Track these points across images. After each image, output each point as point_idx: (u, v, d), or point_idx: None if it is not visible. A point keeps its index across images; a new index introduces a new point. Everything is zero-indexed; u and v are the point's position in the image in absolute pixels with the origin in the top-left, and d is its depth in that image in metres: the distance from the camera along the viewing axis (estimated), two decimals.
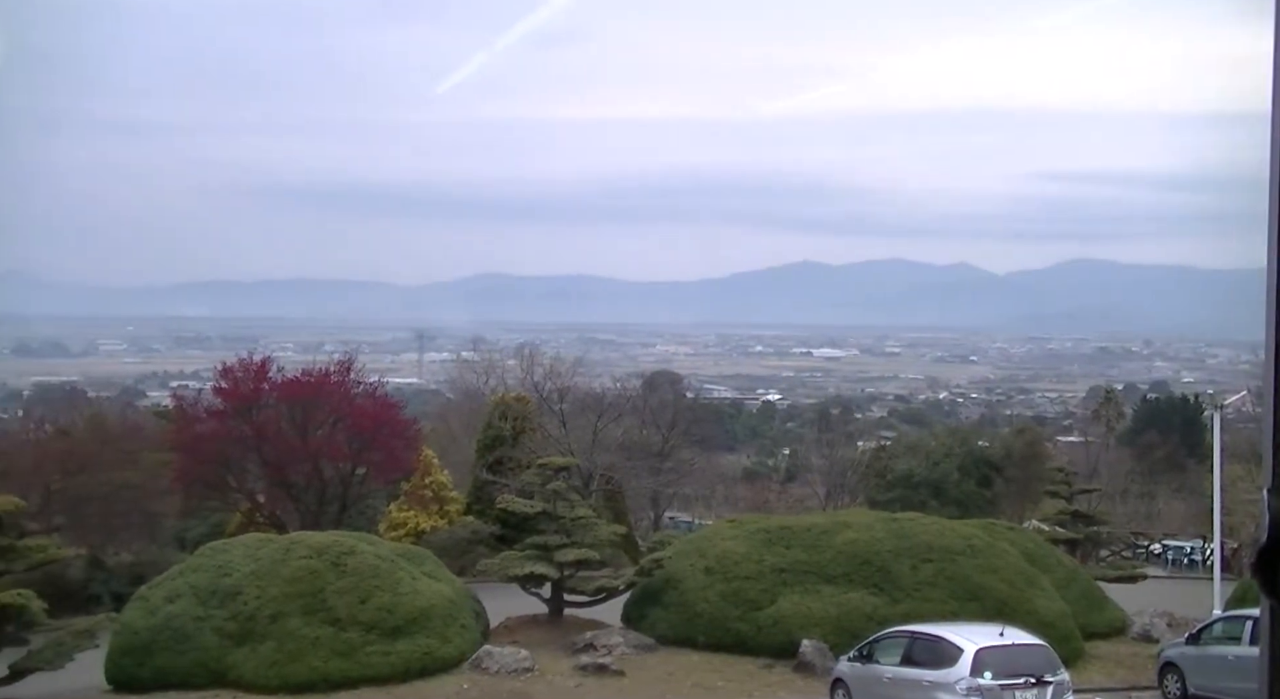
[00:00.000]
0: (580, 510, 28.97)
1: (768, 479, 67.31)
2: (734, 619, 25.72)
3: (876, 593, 25.44)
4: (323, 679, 22.62)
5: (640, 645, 25.67)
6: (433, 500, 41.62)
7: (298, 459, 37.96)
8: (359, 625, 23.36)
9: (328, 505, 38.70)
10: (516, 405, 44.04)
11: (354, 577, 24.03)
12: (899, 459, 55.51)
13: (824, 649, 23.89)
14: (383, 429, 38.71)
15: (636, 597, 27.72)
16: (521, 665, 23.73)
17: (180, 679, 23.09)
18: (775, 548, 26.99)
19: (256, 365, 39.24)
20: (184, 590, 24.23)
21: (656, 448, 48.94)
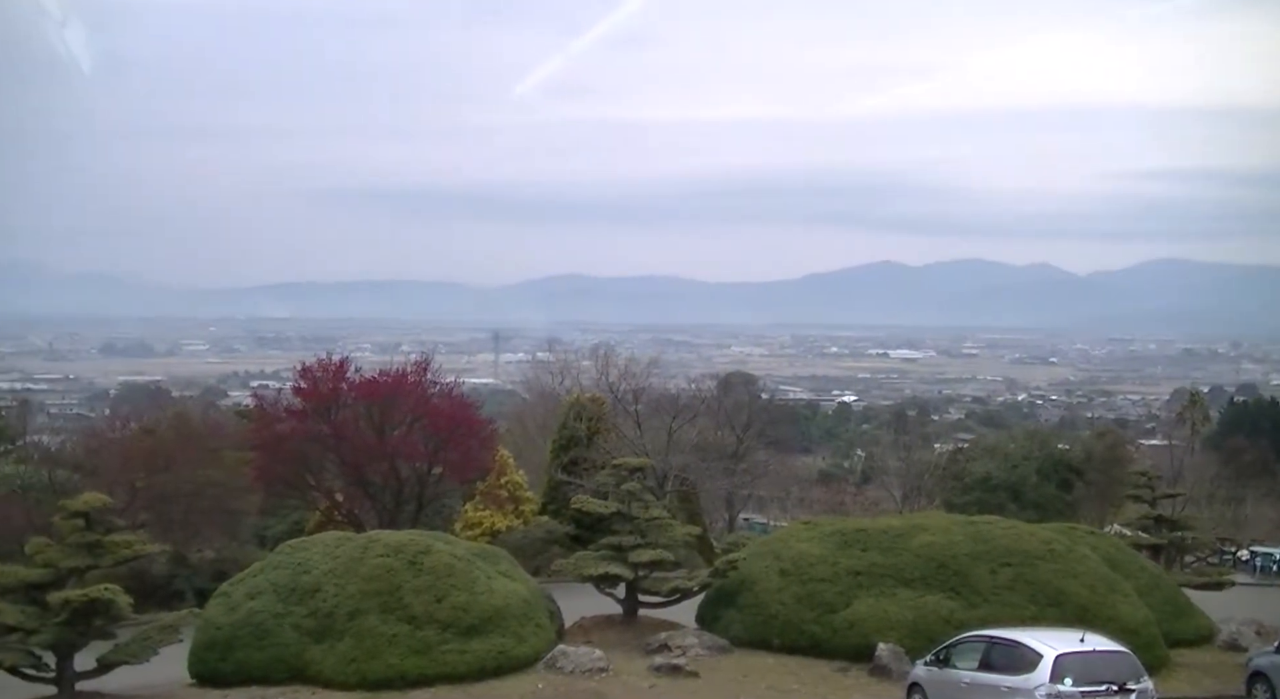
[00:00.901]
0: (655, 511, 28.94)
1: (843, 481, 66.92)
2: (809, 622, 25.54)
3: (953, 597, 25.10)
4: (399, 676, 22.81)
5: (714, 647, 25.58)
6: (508, 500, 41.86)
7: (375, 458, 38.35)
8: (435, 624, 23.52)
9: (404, 504, 39.09)
10: (591, 406, 44.15)
11: (430, 575, 24.20)
12: (976, 461, 54.85)
13: (900, 653, 23.63)
14: (459, 429, 38.99)
15: (711, 598, 27.64)
16: (596, 665, 23.76)
17: (260, 674, 23.41)
18: (851, 550, 26.74)
19: (335, 365, 39.71)
20: (264, 587, 24.56)
21: (731, 449, 48.83)
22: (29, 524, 32.40)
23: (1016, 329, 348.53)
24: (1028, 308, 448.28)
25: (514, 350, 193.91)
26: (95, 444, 41.71)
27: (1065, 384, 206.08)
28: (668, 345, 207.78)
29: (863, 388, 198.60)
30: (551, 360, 69.35)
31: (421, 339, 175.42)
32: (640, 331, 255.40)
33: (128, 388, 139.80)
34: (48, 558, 23.08)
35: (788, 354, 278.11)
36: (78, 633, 22.50)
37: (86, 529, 23.35)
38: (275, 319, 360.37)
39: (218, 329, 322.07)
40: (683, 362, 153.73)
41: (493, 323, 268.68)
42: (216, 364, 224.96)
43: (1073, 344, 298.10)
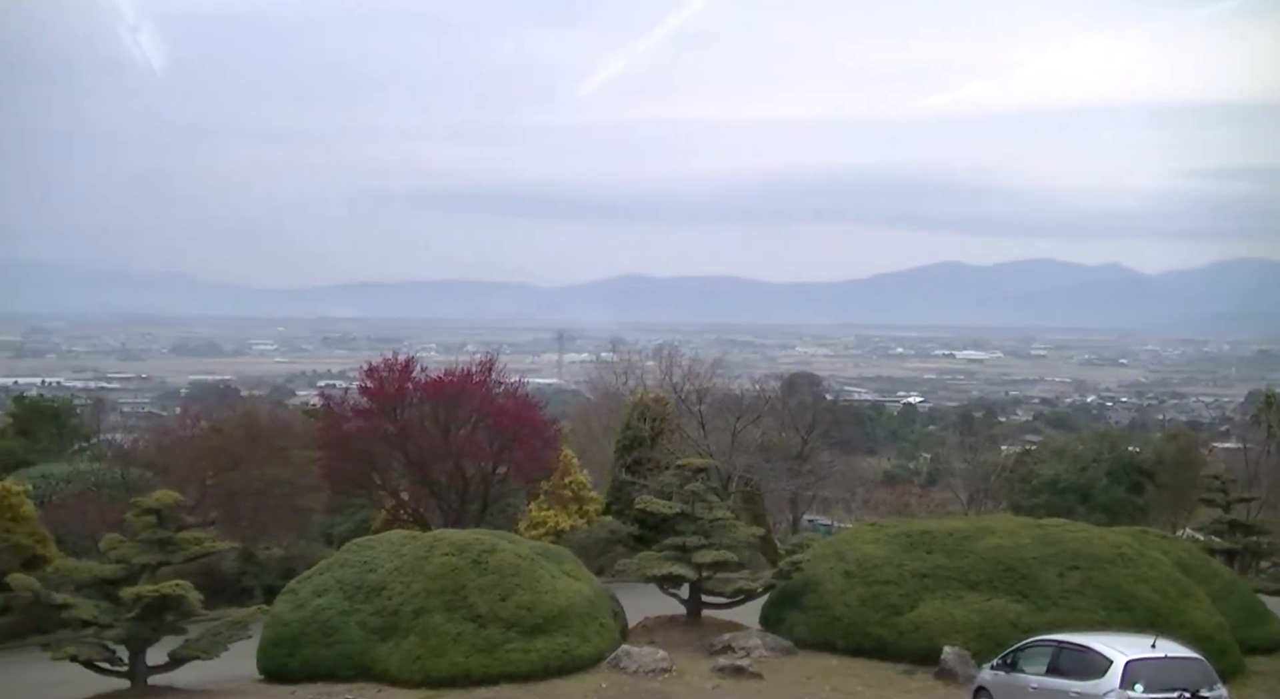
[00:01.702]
0: (718, 512, 28.87)
1: (908, 482, 66.47)
2: (873, 624, 25.37)
3: (1021, 600, 24.81)
4: (464, 675, 22.94)
5: (778, 648, 25.49)
6: (572, 500, 41.94)
7: (440, 457, 38.57)
8: (499, 622, 23.63)
9: (469, 503, 39.28)
10: (655, 406, 44.12)
11: (495, 574, 24.32)
12: (1045, 464, 54.13)
13: (966, 657, 23.39)
14: (523, 429, 39.10)
15: (775, 599, 27.54)
16: (659, 666, 23.75)
17: (327, 671, 23.66)
18: (916, 552, 26.53)
19: (401, 365, 39.97)
20: (331, 585, 24.82)
21: (795, 450, 48.57)
22: (103, 521, 32.95)
23: (1085, 330, 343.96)
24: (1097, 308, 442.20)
25: (578, 350, 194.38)
26: (166, 442, 42.25)
27: (1136, 386, 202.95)
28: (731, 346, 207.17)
29: (928, 389, 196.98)
30: (615, 360, 69.39)
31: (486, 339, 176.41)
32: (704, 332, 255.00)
33: (198, 387, 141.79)
34: (121, 554, 23.50)
35: (852, 355, 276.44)
36: (150, 628, 22.88)
37: (158, 526, 23.75)
38: (342, 319, 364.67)
39: (286, 329, 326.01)
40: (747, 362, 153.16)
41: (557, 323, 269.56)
42: (284, 364, 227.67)
43: (1144, 345, 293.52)
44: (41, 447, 51.89)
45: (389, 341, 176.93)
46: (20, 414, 54.89)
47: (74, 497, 38.59)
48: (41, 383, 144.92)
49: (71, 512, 36.50)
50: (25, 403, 57.54)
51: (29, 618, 28.40)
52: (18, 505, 34.50)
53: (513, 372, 44.44)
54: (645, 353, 72.60)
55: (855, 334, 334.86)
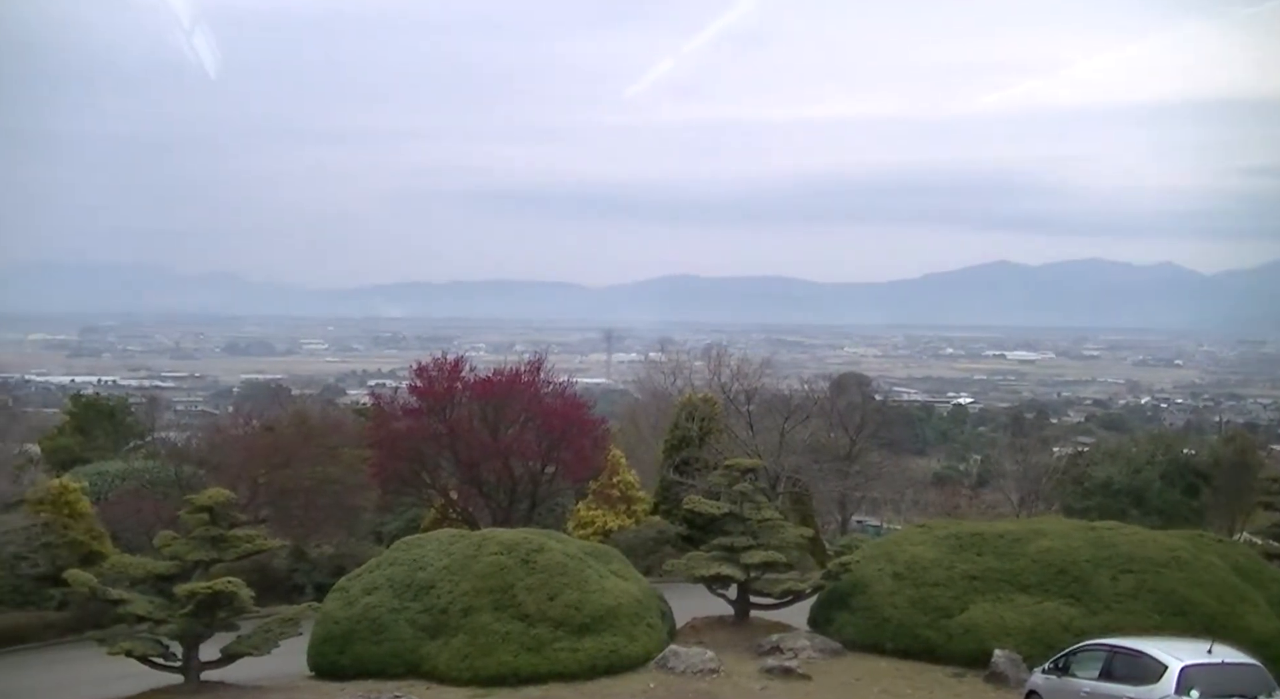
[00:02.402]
0: (767, 512, 28.80)
1: (958, 484, 65.80)
2: (923, 626, 25.19)
3: (1073, 603, 24.54)
4: (512, 673, 23.01)
5: (827, 649, 25.38)
6: (620, 500, 41.97)
7: (490, 457, 38.73)
8: (548, 622, 23.68)
9: (518, 503, 39.42)
10: (704, 406, 44.06)
11: (543, 573, 24.37)
12: (1097, 466, 53.44)
13: (1017, 660, 23.17)
14: (572, 428, 39.19)
15: (823, 600, 27.41)
16: (707, 666, 23.71)
17: (377, 668, 23.81)
18: (966, 554, 26.32)
19: (450, 364, 40.18)
20: (381, 583, 24.98)
21: (844, 451, 48.29)
22: (157, 518, 33.40)
23: (1139, 330, 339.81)
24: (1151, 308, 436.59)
25: (626, 350, 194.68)
26: (219, 440, 42.66)
27: (1191, 387, 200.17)
28: (780, 346, 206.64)
29: (979, 389, 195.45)
30: (664, 360, 69.41)
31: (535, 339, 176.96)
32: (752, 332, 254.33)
33: (250, 386, 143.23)
34: (175, 551, 23.77)
35: (902, 355, 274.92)
36: (203, 624, 23.13)
37: (211, 523, 24.00)
38: (392, 319, 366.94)
39: (336, 329, 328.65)
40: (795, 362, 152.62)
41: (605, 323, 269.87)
42: (335, 363, 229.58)
43: (1199, 346, 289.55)
44: (97, 444, 52.68)
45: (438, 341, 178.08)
46: (77, 412, 55.75)
47: (129, 494, 39.14)
48: (97, 382, 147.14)
49: (127, 508, 37.02)
50: (82, 401, 58.43)
51: (86, 613, 28.82)
52: (75, 502, 35.03)
53: (561, 371, 44.58)
54: (693, 353, 72.59)
55: (904, 334, 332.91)
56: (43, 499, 34.29)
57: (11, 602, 32.98)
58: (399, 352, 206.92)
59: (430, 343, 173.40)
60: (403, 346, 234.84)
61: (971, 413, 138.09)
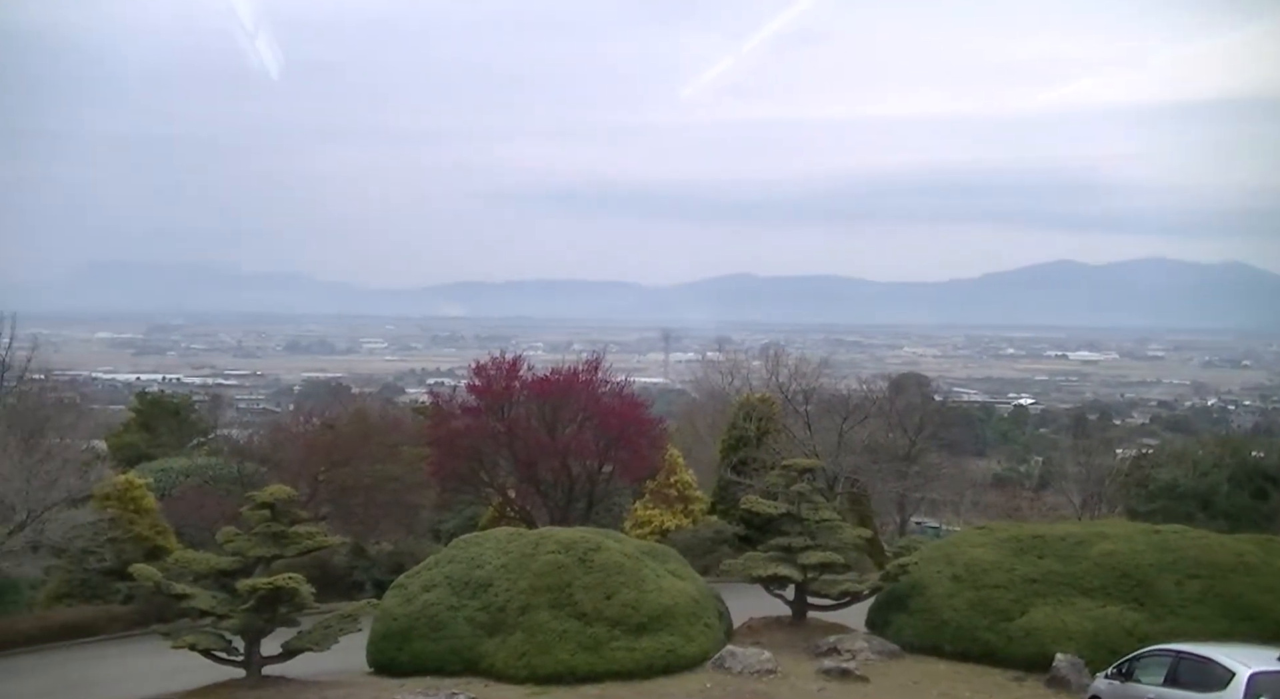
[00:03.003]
0: (824, 513, 28.66)
1: (1019, 485, 65.16)
2: (982, 629, 24.93)
3: (1137, 608, 24.17)
4: (569, 672, 23.05)
5: (884, 651, 25.19)
6: (677, 499, 41.93)
7: (547, 456, 38.84)
8: (604, 621, 23.70)
9: (575, 502, 39.51)
10: (761, 406, 43.90)
11: (600, 572, 24.40)
12: (1162, 468, 52.61)
13: (1079, 665, 22.84)
14: (629, 428, 39.21)
15: (881, 602, 27.22)
16: (764, 667, 23.63)
17: (435, 665, 23.94)
18: (1027, 557, 26.02)
19: (508, 363, 40.34)
20: (439, 580, 25.12)
21: (903, 451, 47.91)
22: (220, 514, 33.83)
23: (1206, 330, 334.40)
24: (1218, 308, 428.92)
25: (683, 350, 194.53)
26: (280, 438, 43.11)
27: (1260, 388, 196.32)
28: (838, 346, 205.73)
29: (1040, 390, 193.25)
30: (721, 360, 69.31)
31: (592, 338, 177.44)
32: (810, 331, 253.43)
33: (310, 384, 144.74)
34: (237, 547, 24.07)
35: (961, 355, 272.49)
36: (264, 619, 23.39)
37: (272, 520, 24.28)
38: (450, 318, 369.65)
39: (395, 327, 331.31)
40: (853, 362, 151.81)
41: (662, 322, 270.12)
42: (394, 362, 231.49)
43: (1269, 346, 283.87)
44: (162, 441, 53.48)
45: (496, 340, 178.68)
46: (143, 409, 56.64)
47: (192, 490, 39.69)
48: (162, 379, 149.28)
49: (190, 505, 37.55)
50: (147, 399, 59.37)
51: (151, 607, 29.26)
52: (140, 498, 35.59)
53: (618, 371, 44.59)
54: (751, 352, 72.45)
55: (964, 334, 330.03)
56: (109, 495, 34.84)
57: (79, 595, 33.59)
58: (457, 350, 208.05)
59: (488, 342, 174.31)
60: (461, 345, 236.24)
61: (1033, 414, 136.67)
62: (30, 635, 30.25)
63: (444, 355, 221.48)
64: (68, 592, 33.86)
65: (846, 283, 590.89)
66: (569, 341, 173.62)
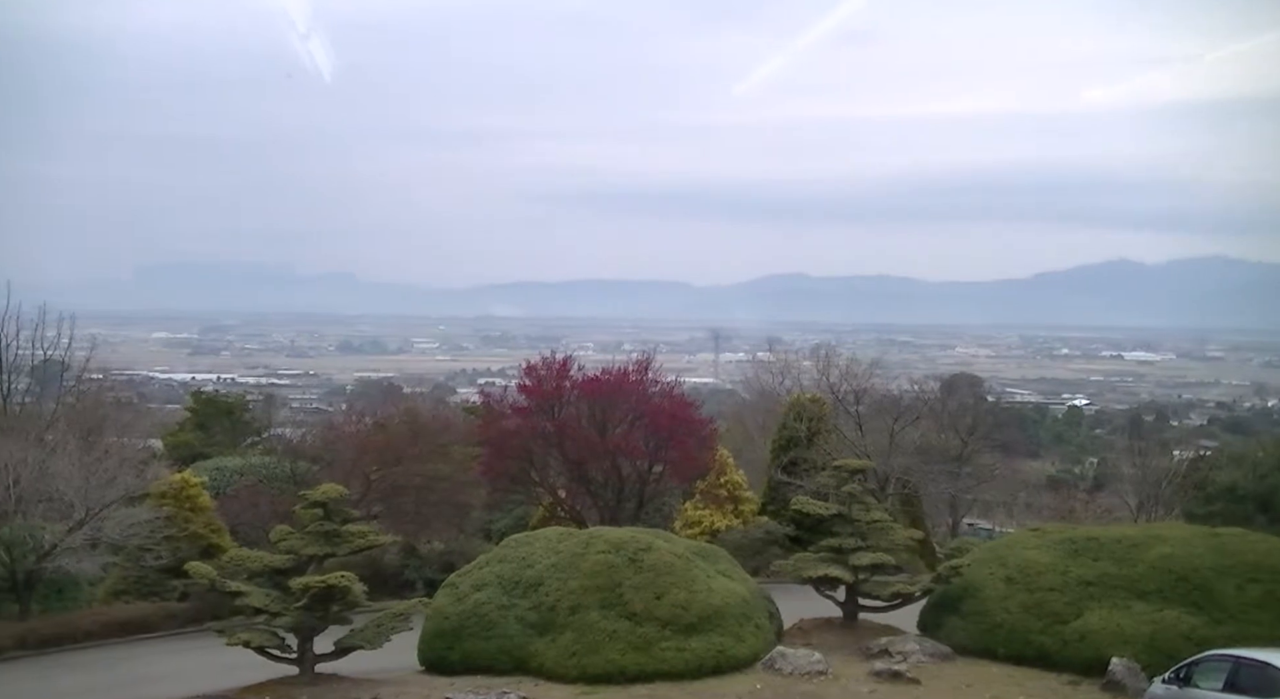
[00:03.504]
0: (876, 514, 28.50)
1: (1073, 487, 64.43)
2: (1036, 632, 24.67)
3: (1195, 612, 23.80)
4: (619, 672, 23.05)
5: (936, 654, 24.99)
6: (727, 499, 41.86)
7: (597, 456, 38.90)
8: (654, 621, 23.68)
9: (625, 502, 39.53)
10: (812, 406, 43.72)
11: (650, 572, 24.38)
12: (1221, 470, 51.82)
13: (1136, 669, 22.53)
14: (679, 428, 39.18)
15: (933, 604, 27.02)
16: (815, 668, 23.52)
17: (486, 664, 24.02)
18: (1081, 559, 25.71)
19: (559, 363, 40.44)
20: (490, 580, 25.20)
21: (955, 452, 47.54)
22: (273, 512, 34.18)
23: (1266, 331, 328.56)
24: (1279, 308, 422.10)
25: (734, 350, 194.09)
26: (333, 437, 43.38)
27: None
28: (890, 346, 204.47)
29: (1095, 391, 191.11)
30: (771, 360, 69.04)
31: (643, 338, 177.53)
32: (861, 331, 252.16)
33: (363, 383, 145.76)
34: (290, 545, 24.27)
35: (1015, 355, 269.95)
36: (317, 617, 23.57)
37: (325, 518, 24.45)
38: (501, 318, 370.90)
39: (447, 327, 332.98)
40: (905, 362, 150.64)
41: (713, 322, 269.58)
42: (445, 361, 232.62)
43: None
44: (217, 440, 54.11)
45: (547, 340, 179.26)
46: (198, 409, 57.35)
47: (246, 489, 40.07)
48: (217, 379, 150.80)
49: (244, 503, 37.94)
50: (202, 398, 60.10)
51: (206, 604, 29.57)
52: (195, 496, 36.04)
53: (669, 371, 44.58)
54: (802, 352, 72.00)
55: (1018, 334, 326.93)
56: (165, 493, 35.30)
57: (136, 592, 34.05)
58: (508, 350, 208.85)
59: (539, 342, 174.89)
60: (512, 345, 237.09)
61: (1087, 415, 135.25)
62: (90, 631, 30.72)
63: (495, 355, 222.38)
64: (125, 588, 34.34)
65: (898, 283, 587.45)
66: (619, 341, 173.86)
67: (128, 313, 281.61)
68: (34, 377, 44.90)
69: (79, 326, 45.76)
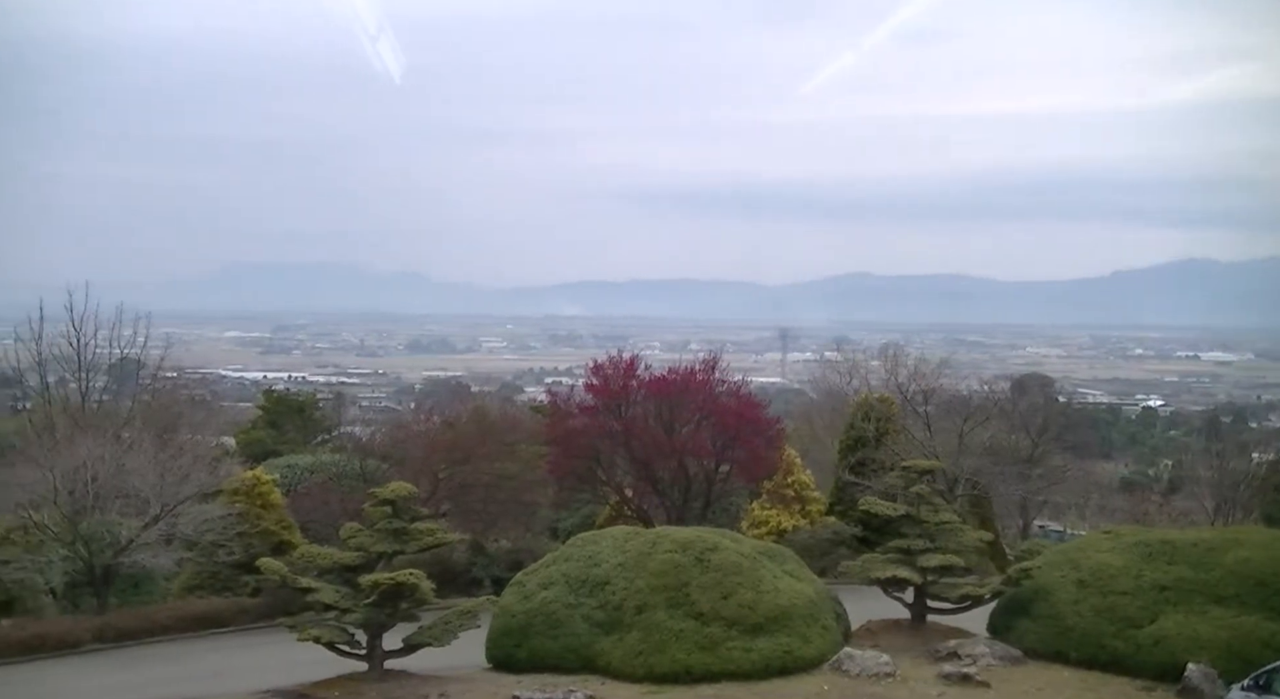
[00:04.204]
0: (944, 515, 28.22)
1: (1147, 490, 63.38)
2: (1109, 636, 24.28)
3: (1274, 618, 23.28)
4: (685, 671, 23.03)
5: (1006, 657, 24.68)
6: (794, 500, 41.66)
7: (664, 455, 38.87)
8: (721, 621, 23.64)
9: (692, 501, 39.47)
10: (880, 406, 43.42)
11: (717, 572, 24.33)
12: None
13: (1213, 675, 22.10)
14: (746, 427, 39.06)
15: (1003, 606, 26.69)
16: (882, 670, 23.34)
17: (553, 662, 24.10)
18: (1156, 563, 25.27)
19: (626, 363, 40.46)
20: (557, 578, 25.28)
21: (1025, 453, 46.94)
22: (343, 510, 34.53)
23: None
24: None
25: (801, 349, 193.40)
26: (401, 436, 43.76)
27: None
28: (959, 345, 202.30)
29: (1170, 392, 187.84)
30: (839, 359, 68.65)
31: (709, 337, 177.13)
32: (930, 331, 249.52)
33: (431, 383, 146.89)
34: (359, 542, 24.51)
35: (1087, 356, 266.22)
36: (386, 614, 23.78)
37: (394, 516, 24.67)
38: (569, 317, 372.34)
39: (514, 327, 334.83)
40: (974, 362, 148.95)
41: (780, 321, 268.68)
42: (513, 360, 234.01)
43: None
44: (288, 438, 54.82)
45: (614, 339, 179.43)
46: (269, 407, 58.10)
47: (317, 486, 40.55)
48: (288, 378, 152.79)
49: (314, 500, 38.39)
50: (274, 396, 60.88)
51: (277, 600, 29.92)
52: (267, 493, 36.51)
53: (736, 370, 44.44)
54: (870, 352, 71.53)
55: (1090, 334, 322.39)
56: (238, 490, 35.81)
57: (210, 587, 34.58)
58: (575, 350, 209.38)
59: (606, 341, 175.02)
60: (579, 345, 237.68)
61: (1162, 416, 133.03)
62: (166, 625, 31.24)
63: (562, 354, 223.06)
64: (199, 584, 34.88)
65: (968, 282, 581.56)
66: (686, 341, 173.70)
67: (201, 312, 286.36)
68: (111, 375, 45.79)
69: (154, 326, 46.56)
